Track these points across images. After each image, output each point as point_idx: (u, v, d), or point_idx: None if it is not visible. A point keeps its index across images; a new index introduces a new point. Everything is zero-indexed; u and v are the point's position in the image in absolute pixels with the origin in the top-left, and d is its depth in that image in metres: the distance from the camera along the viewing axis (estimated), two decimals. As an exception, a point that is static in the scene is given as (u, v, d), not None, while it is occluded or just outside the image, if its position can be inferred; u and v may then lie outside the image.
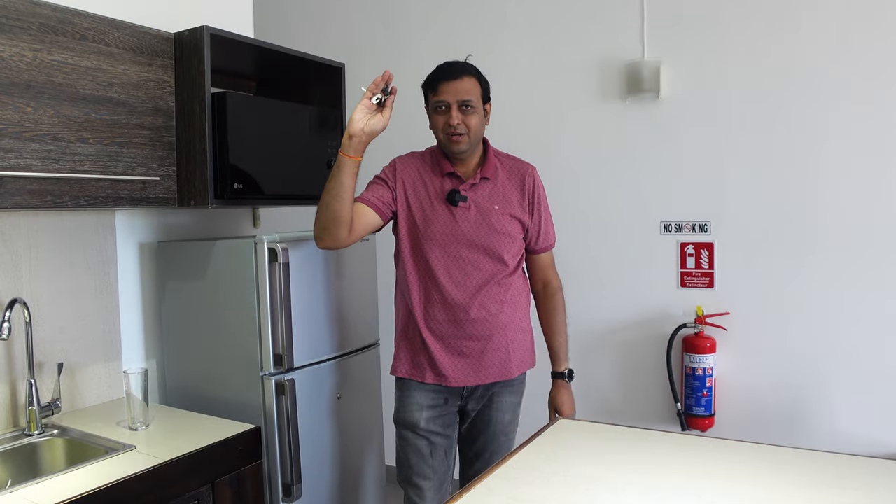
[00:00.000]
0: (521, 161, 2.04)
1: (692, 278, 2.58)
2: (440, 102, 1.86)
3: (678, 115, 2.56)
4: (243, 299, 2.14)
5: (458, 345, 1.92)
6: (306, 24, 3.22)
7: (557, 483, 1.39)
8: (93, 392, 2.20)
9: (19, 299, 1.91)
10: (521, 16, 2.81)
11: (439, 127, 1.88)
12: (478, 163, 1.97)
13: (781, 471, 1.42)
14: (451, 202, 1.91)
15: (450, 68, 1.88)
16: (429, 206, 1.92)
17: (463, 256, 1.90)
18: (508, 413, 2.02)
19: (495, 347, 1.94)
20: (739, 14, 2.45)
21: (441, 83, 1.86)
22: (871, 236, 2.31)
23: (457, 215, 1.91)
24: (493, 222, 1.91)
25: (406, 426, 1.97)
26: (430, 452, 1.95)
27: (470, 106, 1.85)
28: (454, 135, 1.85)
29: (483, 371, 1.94)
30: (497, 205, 1.93)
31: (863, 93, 2.30)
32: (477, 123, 1.88)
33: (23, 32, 1.71)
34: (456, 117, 1.84)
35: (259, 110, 2.20)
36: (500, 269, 1.92)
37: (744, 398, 2.50)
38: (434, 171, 1.95)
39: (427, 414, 1.95)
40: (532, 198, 1.99)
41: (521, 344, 2.00)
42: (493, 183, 1.95)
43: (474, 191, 1.93)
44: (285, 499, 2.10)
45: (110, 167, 1.91)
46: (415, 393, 1.96)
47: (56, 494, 1.49)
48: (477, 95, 1.88)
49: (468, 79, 1.87)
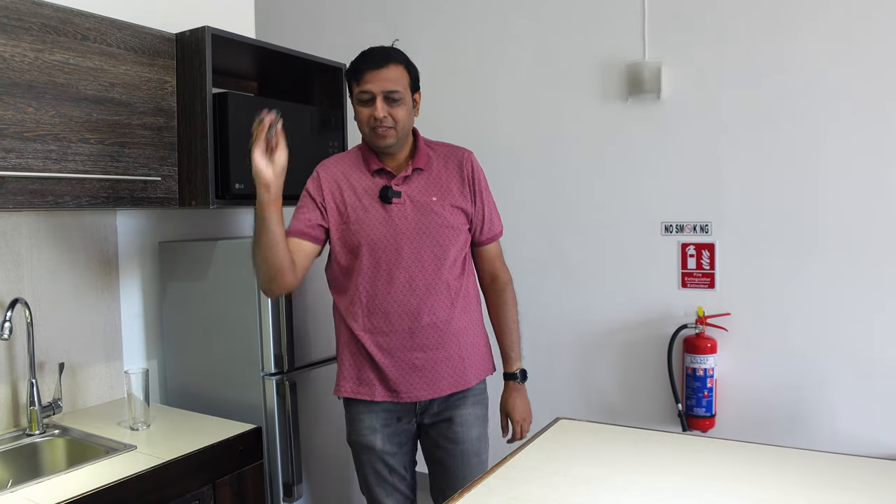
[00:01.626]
0: (455, 147, 1.88)
1: (693, 279, 2.57)
2: (364, 93, 1.69)
3: (679, 116, 2.56)
4: (244, 299, 2.14)
5: (408, 357, 1.75)
6: (307, 25, 3.22)
7: (557, 483, 1.39)
8: (94, 392, 2.20)
9: (21, 299, 1.91)
10: (521, 16, 2.81)
11: (364, 120, 1.72)
12: (408, 155, 1.82)
13: (782, 471, 1.42)
14: (385, 200, 1.74)
15: (374, 55, 1.71)
16: (360, 209, 1.75)
17: (404, 258, 1.73)
18: (475, 427, 1.84)
19: (449, 356, 1.77)
20: (740, 15, 2.45)
21: (365, 72, 1.69)
22: (871, 236, 2.31)
23: (392, 214, 1.74)
24: (433, 216, 1.75)
25: (361, 450, 1.83)
26: (389, 472, 1.83)
27: (397, 98, 1.70)
28: (380, 128, 1.70)
29: (437, 383, 1.77)
30: (435, 196, 1.77)
31: (863, 93, 2.30)
32: (405, 116, 1.73)
33: (24, 33, 1.71)
34: (382, 109, 1.68)
35: (260, 110, 2.20)
36: (446, 268, 1.76)
37: (745, 399, 2.50)
38: (361, 169, 1.79)
39: (381, 435, 1.80)
40: (473, 184, 1.83)
41: (477, 349, 1.85)
42: (427, 174, 1.79)
43: (407, 184, 1.77)
44: (286, 499, 2.10)
45: (111, 167, 1.92)
46: (364, 416, 1.80)
47: (57, 494, 1.49)
48: (405, 85, 1.72)
49: (395, 67, 1.71)
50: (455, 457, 1.81)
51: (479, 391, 1.87)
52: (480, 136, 2.85)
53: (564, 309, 2.77)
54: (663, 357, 2.61)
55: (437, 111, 2.91)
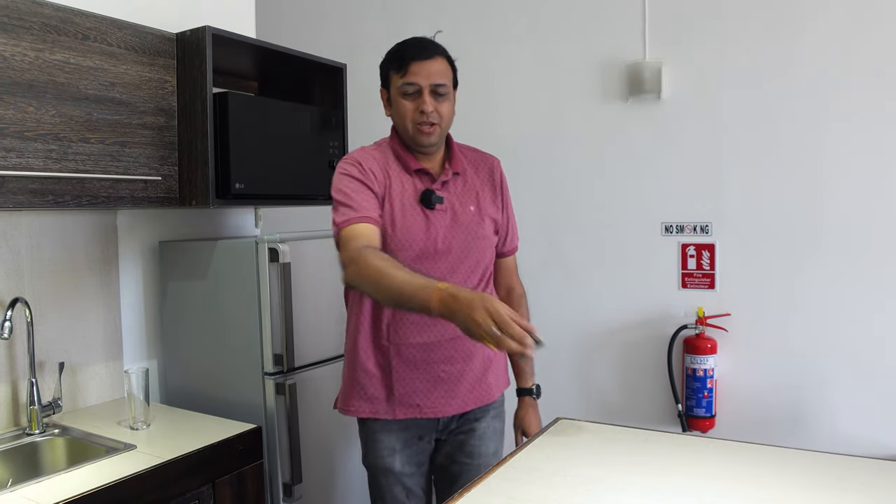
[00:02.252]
0: (484, 153, 1.82)
1: (693, 279, 2.57)
2: (410, 84, 1.58)
3: (680, 116, 2.56)
4: (244, 299, 2.14)
5: (434, 370, 1.66)
6: (308, 25, 3.22)
7: (557, 483, 1.39)
8: (94, 391, 2.20)
9: (21, 298, 1.91)
10: (522, 16, 2.81)
11: (407, 114, 1.60)
12: (443, 157, 1.72)
13: (782, 472, 1.42)
14: (427, 205, 1.63)
15: (422, 45, 1.61)
16: (399, 211, 1.62)
17: (439, 267, 1.64)
18: (493, 442, 1.77)
19: (474, 368, 1.70)
20: (741, 15, 2.45)
21: (411, 62, 1.58)
22: (872, 237, 2.31)
23: (433, 221, 1.64)
24: (471, 227, 1.68)
25: (379, 473, 1.74)
26: (407, 495, 1.74)
27: (443, 92, 1.60)
28: (425, 124, 1.59)
29: (461, 397, 1.69)
30: (472, 205, 1.69)
31: (864, 93, 2.30)
32: (449, 112, 1.64)
33: (25, 32, 1.71)
34: (430, 103, 1.58)
35: (260, 110, 2.21)
36: (477, 279, 1.70)
37: (745, 399, 2.50)
38: (399, 168, 1.66)
39: (401, 456, 1.71)
40: (502, 193, 1.77)
41: (497, 362, 1.79)
42: (463, 179, 1.71)
43: (447, 190, 1.67)
44: (286, 499, 2.10)
45: (112, 167, 1.92)
46: (382, 436, 1.71)
47: (57, 494, 1.49)
48: (450, 79, 1.63)
49: (441, 59, 1.62)
50: (470, 472, 1.72)
51: (499, 404, 1.82)
52: (481, 136, 2.84)
53: (564, 309, 2.77)
54: (663, 357, 2.61)
55: (438, 111, 2.91)
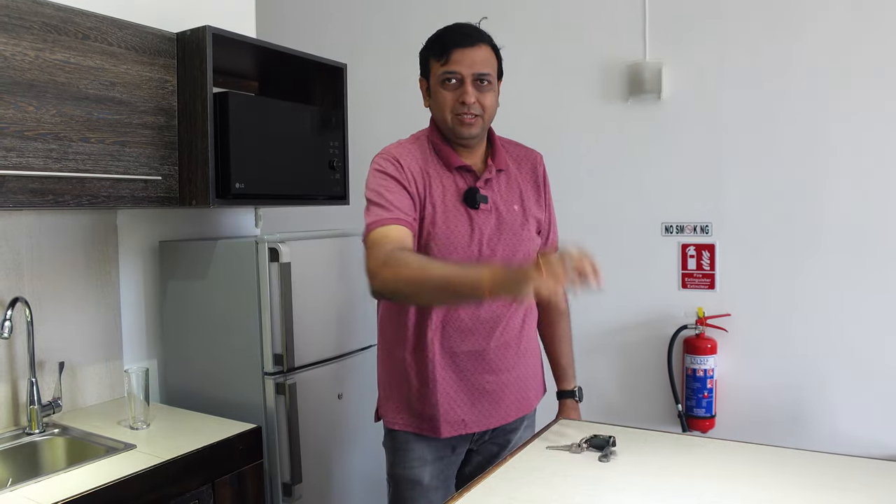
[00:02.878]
0: (527, 148, 1.72)
1: (693, 280, 2.57)
2: (451, 74, 1.49)
3: (680, 117, 2.56)
4: (244, 299, 2.14)
5: (479, 381, 1.58)
6: (308, 25, 3.22)
7: (557, 483, 1.39)
8: (94, 391, 2.20)
9: (21, 298, 1.91)
10: (522, 16, 2.81)
11: (447, 105, 1.51)
12: (485, 152, 1.63)
13: (782, 472, 1.42)
14: (471, 204, 1.53)
15: (465, 32, 1.52)
16: (442, 211, 1.53)
17: None
18: None
19: (516, 378, 1.64)
20: (741, 15, 2.45)
21: (453, 50, 1.49)
22: (872, 237, 2.31)
23: (476, 221, 1.54)
24: (517, 228, 1.59)
25: (405, 485, 1.63)
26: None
27: (487, 81, 1.51)
28: (467, 115, 1.50)
29: (503, 409, 1.62)
30: (516, 205, 1.60)
31: (864, 93, 2.30)
32: (493, 104, 1.54)
33: (25, 32, 1.71)
34: (472, 94, 1.49)
35: (261, 110, 2.21)
36: None
37: (745, 399, 2.50)
38: (439, 164, 1.57)
39: (432, 469, 1.62)
40: (545, 191, 1.69)
41: (536, 371, 1.73)
42: (507, 176, 1.62)
43: (490, 188, 1.58)
44: (286, 498, 2.10)
45: (112, 167, 1.92)
46: (416, 445, 1.61)
47: (57, 493, 1.49)
48: (494, 69, 1.54)
49: (486, 48, 1.53)
50: None
51: (533, 413, 1.77)
52: (481, 137, 2.85)
53: (564, 309, 2.77)
54: (663, 358, 2.61)
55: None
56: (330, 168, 2.42)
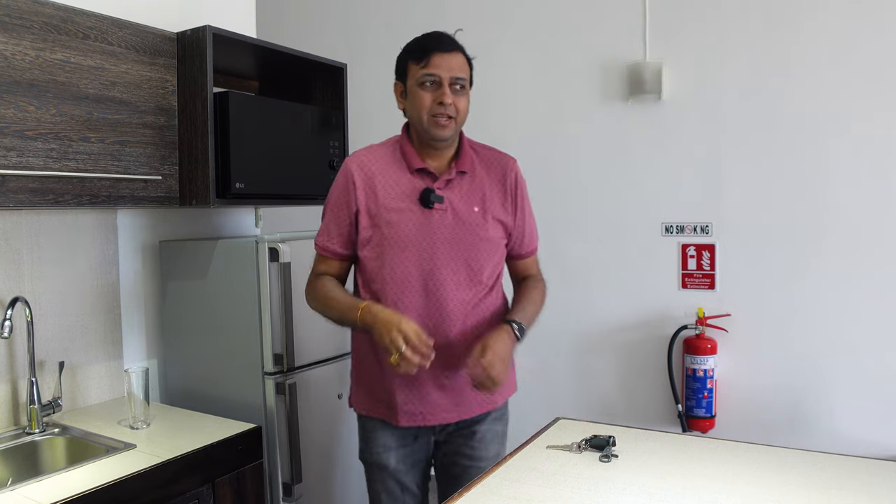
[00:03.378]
0: (500, 153, 1.76)
1: (693, 280, 2.57)
2: (430, 76, 1.57)
3: (680, 117, 2.56)
4: (245, 299, 2.14)
5: (437, 377, 1.63)
6: (308, 25, 3.22)
7: (557, 483, 1.39)
8: (94, 391, 2.20)
9: (21, 298, 1.91)
10: (523, 16, 2.81)
11: (424, 105, 1.58)
12: (452, 155, 1.69)
13: (782, 472, 1.42)
14: (426, 204, 1.61)
15: (442, 39, 1.62)
16: (397, 211, 1.61)
17: (440, 269, 1.61)
18: (494, 444, 1.74)
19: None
20: (741, 15, 2.45)
21: (433, 54, 1.57)
22: (872, 237, 2.31)
23: (432, 221, 1.61)
24: (474, 228, 1.64)
25: (375, 467, 1.74)
26: (402, 490, 1.74)
27: (462, 86, 1.60)
28: (442, 117, 1.58)
29: (465, 404, 1.67)
30: (477, 206, 1.66)
31: (865, 93, 2.30)
32: (465, 107, 1.62)
33: (26, 31, 1.71)
34: (449, 95, 1.57)
35: (261, 110, 2.21)
36: (481, 284, 1.66)
37: (745, 400, 2.50)
38: (400, 167, 1.65)
39: (396, 454, 1.72)
40: (515, 196, 1.72)
41: None
42: (470, 178, 1.67)
43: (450, 189, 1.64)
44: (286, 498, 2.10)
45: (112, 166, 1.92)
46: (380, 433, 1.71)
47: (57, 493, 1.49)
48: (468, 75, 1.63)
49: (461, 55, 1.62)
50: (471, 474, 1.69)
51: (502, 408, 1.78)
52: (481, 137, 2.85)
53: (564, 309, 2.77)
54: (663, 358, 2.61)
55: (438, 111, 2.91)
56: (330, 168, 2.42)
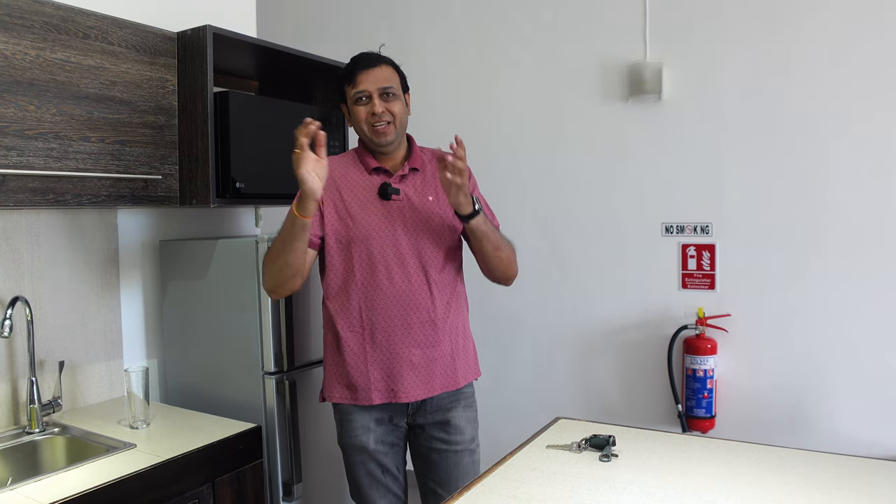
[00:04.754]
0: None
1: (693, 280, 2.57)
2: (360, 93, 1.76)
3: (680, 117, 2.56)
4: (245, 298, 2.14)
5: (406, 354, 1.76)
6: (308, 25, 3.22)
7: (557, 483, 1.39)
8: (94, 390, 2.20)
9: (21, 297, 1.91)
10: (523, 17, 2.81)
11: (362, 119, 1.77)
12: (404, 156, 1.86)
13: (782, 472, 1.42)
14: (384, 196, 1.78)
15: (366, 57, 1.80)
16: (358, 206, 1.79)
17: (403, 255, 1.76)
18: (469, 429, 1.85)
19: (442, 354, 1.80)
20: (741, 15, 2.45)
21: (358, 73, 1.76)
22: (872, 238, 2.31)
23: (391, 210, 1.78)
24: (431, 214, 1.80)
25: (353, 450, 1.83)
26: (382, 472, 1.83)
27: (391, 93, 1.77)
28: (379, 124, 1.75)
29: (431, 381, 1.78)
30: (431, 196, 1.82)
31: (865, 93, 2.30)
32: (401, 111, 1.79)
33: (26, 31, 1.71)
34: (379, 105, 1.75)
35: (261, 110, 2.21)
36: (443, 265, 1.81)
37: (745, 400, 2.50)
38: (359, 169, 1.83)
39: (374, 435, 1.81)
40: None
41: (466, 351, 1.88)
42: (422, 174, 1.85)
43: (405, 183, 1.81)
44: (286, 498, 2.10)
45: (112, 166, 1.92)
46: (356, 416, 1.81)
47: (57, 492, 1.49)
48: (397, 83, 1.80)
49: (386, 67, 1.80)
50: (449, 457, 1.83)
51: (469, 395, 1.89)
52: (482, 137, 2.86)
53: (564, 309, 2.77)
54: (663, 358, 2.61)
55: (439, 111, 2.91)
56: (330, 168, 2.42)
